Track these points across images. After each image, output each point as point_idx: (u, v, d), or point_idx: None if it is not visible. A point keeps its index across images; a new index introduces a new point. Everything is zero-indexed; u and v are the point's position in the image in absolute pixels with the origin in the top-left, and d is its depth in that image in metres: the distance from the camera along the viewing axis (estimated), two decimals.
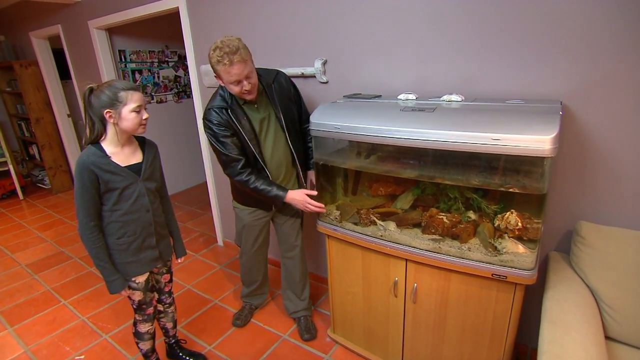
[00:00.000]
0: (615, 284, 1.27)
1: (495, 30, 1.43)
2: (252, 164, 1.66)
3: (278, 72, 1.73)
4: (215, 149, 1.62)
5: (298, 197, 1.62)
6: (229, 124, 1.57)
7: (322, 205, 1.61)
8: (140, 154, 1.44)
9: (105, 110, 1.28)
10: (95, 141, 1.33)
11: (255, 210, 1.81)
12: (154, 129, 3.96)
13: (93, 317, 2.25)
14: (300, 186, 1.83)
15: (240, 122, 1.58)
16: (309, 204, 1.60)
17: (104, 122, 1.31)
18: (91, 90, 1.30)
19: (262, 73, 1.66)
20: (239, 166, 1.60)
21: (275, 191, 1.62)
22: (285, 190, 1.63)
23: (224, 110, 1.57)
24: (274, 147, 1.69)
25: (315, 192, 1.64)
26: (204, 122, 1.61)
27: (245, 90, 1.50)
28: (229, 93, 1.59)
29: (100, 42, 3.42)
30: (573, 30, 1.29)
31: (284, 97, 1.68)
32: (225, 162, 1.62)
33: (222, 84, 1.56)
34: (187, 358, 1.84)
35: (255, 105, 1.63)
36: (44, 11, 3.81)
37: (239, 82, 1.47)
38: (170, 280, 1.70)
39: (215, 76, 1.54)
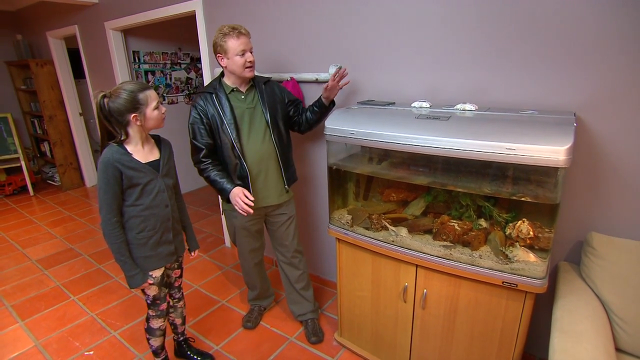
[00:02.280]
0: (626, 296, 1.27)
1: (509, 41, 1.45)
2: (227, 155, 1.69)
3: (271, 79, 1.83)
4: (189, 132, 1.70)
5: (234, 193, 1.62)
6: (211, 110, 1.66)
7: (250, 205, 1.59)
8: (157, 151, 1.50)
9: (132, 115, 1.34)
10: (119, 142, 1.38)
11: None
12: (164, 129, 4.02)
13: (102, 313, 2.28)
14: (284, 184, 1.82)
15: (222, 107, 1.66)
16: (240, 198, 1.59)
17: (126, 126, 1.37)
18: (104, 97, 1.33)
19: (255, 76, 1.76)
20: (201, 155, 1.69)
21: (224, 184, 1.65)
22: (233, 186, 1.64)
23: (208, 96, 1.68)
24: (256, 139, 1.71)
25: (252, 200, 1.60)
26: (191, 105, 1.72)
27: (249, 61, 1.61)
28: (220, 82, 1.71)
29: (116, 43, 3.48)
30: (587, 43, 1.31)
31: (272, 99, 1.75)
32: (193, 147, 1.71)
33: (224, 65, 1.65)
34: (195, 357, 1.85)
35: (243, 96, 1.71)
36: (62, 12, 3.89)
37: (244, 52, 1.59)
38: (181, 276, 1.74)
39: (217, 56, 1.64)
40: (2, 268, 2.85)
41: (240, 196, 1.60)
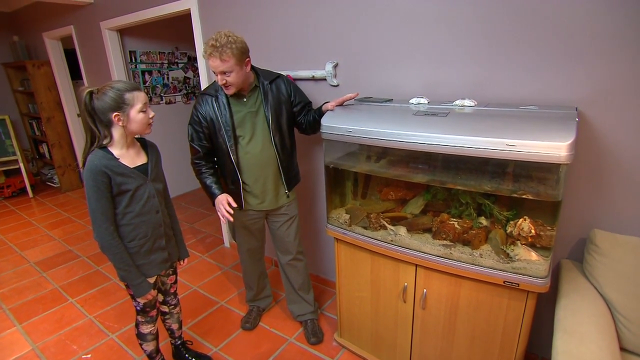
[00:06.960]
0: (630, 295, 1.24)
1: (508, 35, 1.42)
2: (224, 160, 1.69)
3: (280, 76, 1.75)
4: (187, 134, 1.70)
5: (219, 199, 1.64)
6: (210, 114, 1.64)
7: (228, 215, 1.59)
8: (144, 155, 1.43)
9: (114, 114, 1.26)
10: (103, 146, 1.31)
11: (245, 211, 1.79)
12: (163, 129, 4.02)
13: (100, 316, 2.26)
14: (284, 189, 1.79)
15: (221, 112, 1.63)
16: (222, 205, 1.60)
17: (109, 126, 1.29)
18: (91, 93, 1.26)
19: (262, 73, 1.70)
20: (196, 157, 1.71)
21: (212, 189, 1.68)
22: (220, 192, 1.66)
23: (208, 98, 1.65)
24: (256, 144, 1.68)
25: (234, 206, 1.61)
26: (193, 106, 1.69)
27: (222, 83, 1.56)
28: None
29: (112, 42, 3.45)
30: (588, 36, 1.28)
31: (277, 99, 1.69)
32: (190, 148, 1.71)
33: None
34: (193, 359, 1.83)
35: (244, 99, 1.66)
36: (58, 12, 3.86)
37: (216, 74, 1.54)
38: (175, 282, 1.70)
39: None
40: (0, 271, 2.84)
41: (223, 203, 1.62)
